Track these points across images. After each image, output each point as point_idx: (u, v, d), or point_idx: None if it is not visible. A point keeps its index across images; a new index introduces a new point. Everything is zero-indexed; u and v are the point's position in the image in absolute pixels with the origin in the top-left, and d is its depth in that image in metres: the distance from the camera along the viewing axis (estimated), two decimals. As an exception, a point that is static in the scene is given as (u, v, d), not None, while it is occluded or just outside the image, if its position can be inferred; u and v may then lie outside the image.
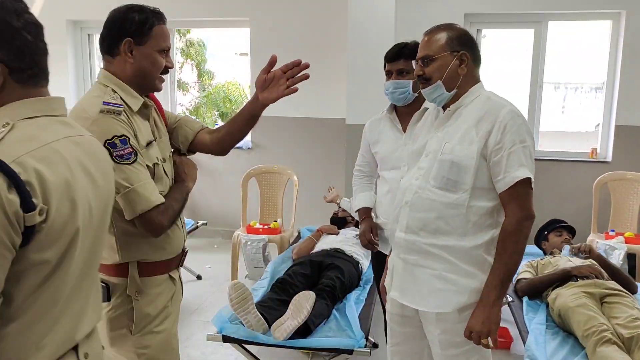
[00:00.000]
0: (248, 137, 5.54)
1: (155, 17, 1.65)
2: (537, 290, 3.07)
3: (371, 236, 2.50)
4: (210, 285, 4.46)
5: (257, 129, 5.39)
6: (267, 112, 1.84)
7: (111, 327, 1.65)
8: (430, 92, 1.84)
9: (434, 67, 1.80)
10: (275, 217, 4.70)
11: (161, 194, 1.64)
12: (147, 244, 1.65)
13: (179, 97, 6.42)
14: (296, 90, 1.75)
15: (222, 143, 1.90)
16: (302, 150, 5.41)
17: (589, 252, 3.22)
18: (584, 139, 8.01)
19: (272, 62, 1.76)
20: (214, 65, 9.93)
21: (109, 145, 1.51)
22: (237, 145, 1.96)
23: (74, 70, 5.96)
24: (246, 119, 1.86)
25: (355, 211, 2.69)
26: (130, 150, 1.55)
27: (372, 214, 2.64)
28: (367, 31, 4.42)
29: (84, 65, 6.03)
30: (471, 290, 1.76)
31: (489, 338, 1.72)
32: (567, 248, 3.40)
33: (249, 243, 4.24)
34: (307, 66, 1.75)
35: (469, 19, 4.95)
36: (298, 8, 5.22)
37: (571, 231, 3.73)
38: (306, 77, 1.75)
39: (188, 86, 9.39)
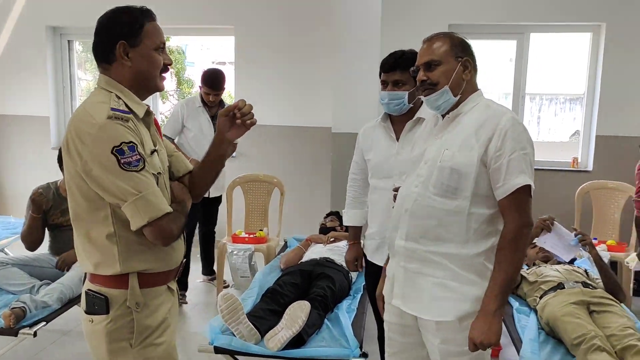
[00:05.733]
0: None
1: (143, 15, 1.61)
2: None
3: (355, 267, 2.74)
4: (196, 295, 4.40)
5: (242, 137, 5.42)
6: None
7: (110, 340, 1.59)
8: (436, 99, 1.82)
9: (439, 72, 1.79)
10: (261, 226, 4.65)
11: None
12: (151, 254, 1.61)
13: (159, 106, 6.36)
14: (256, 122, 1.74)
15: (194, 187, 1.82)
16: (287, 159, 5.38)
17: (592, 247, 3.19)
18: (559, 149, 8.17)
19: (236, 106, 1.71)
20: (193, 73, 9.85)
21: (117, 152, 1.46)
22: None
23: (53, 76, 5.87)
24: (214, 161, 1.79)
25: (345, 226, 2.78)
26: (138, 157, 1.50)
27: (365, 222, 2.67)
28: (353, 41, 4.44)
29: (63, 71, 5.95)
30: (473, 298, 1.74)
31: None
32: (575, 240, 3.17)
33: (235, 252, 4.18)
34: (251, 108, 1.72)
35: (453, 30, 4.99)
36: (284, 16, 5.21)
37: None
38: (254, 122, 1.73)
39: (167, 94, 9.30)
